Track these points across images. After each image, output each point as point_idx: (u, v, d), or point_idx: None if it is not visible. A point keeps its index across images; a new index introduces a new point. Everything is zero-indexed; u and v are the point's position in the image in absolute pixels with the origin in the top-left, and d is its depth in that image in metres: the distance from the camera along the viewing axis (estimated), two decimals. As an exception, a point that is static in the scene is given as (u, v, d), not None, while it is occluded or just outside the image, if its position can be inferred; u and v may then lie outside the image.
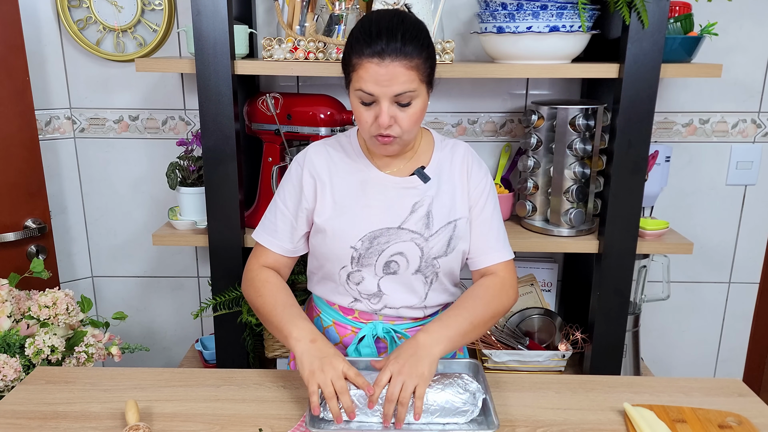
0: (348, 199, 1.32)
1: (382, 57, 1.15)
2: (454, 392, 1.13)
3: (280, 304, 1.28)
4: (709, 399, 1.23)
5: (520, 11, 1.57)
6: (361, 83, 1.18)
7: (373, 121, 1.21)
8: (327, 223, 1.31)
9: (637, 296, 1.91)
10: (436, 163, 1.36)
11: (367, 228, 1.30)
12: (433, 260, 1.32)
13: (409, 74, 1.17)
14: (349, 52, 1.20)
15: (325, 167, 1.34)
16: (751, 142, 2.02)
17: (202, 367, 1.99)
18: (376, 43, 1.15)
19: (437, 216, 1.32)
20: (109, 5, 1.91)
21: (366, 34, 1.18)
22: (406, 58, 1.16)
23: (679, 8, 1.67)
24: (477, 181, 1.37)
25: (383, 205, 1.31)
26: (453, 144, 1.40)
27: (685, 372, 2.24)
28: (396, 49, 1.15)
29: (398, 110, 1.20)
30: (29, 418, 1.15)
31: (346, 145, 1.37)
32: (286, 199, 1.35)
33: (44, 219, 1.89)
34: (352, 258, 1.31)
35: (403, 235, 1.31)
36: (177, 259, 2.16)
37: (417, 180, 1.33)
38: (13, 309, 1.58)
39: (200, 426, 1.13)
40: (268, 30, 1.94)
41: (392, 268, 1.32)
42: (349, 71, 1.21)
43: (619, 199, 1.67)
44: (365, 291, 1.34)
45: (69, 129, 2.03)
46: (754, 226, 2.09)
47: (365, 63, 1.17)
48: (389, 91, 1.17)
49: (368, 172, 1.33)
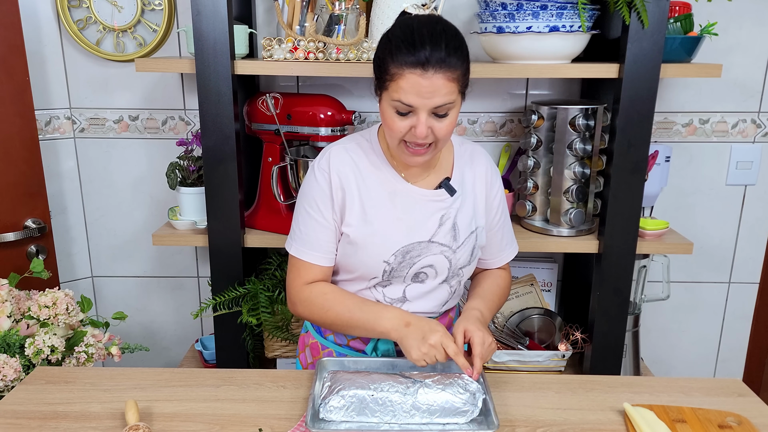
0: (378, 210, 1.29)
1: (426, 68, 1.11)
2: (454, 392, 1.13)
3: (354, 307, 1.27)
4: (709, 399, 1.23)
5: (520, 11, 1.57)
6: (400, 94, 1.14)
7: (407, 131, 1.18)
8: (359, 235, 1.28)
9: (637, 296, 1.91)
10: (459, 173, 1.35)
11: (400, 243, 1.29)
12: (459, 270, 1.34)
13: (450, 86, 1.14)
14: (388, 58, 1.15)
15: (352, 175, 1.29)
16: (751, 142, 2.02)
17: (202, 367, 1.99)
18: (420, 53, 1.11)
19: (462, 227, 1.32)
20: (109, 5, 1.91)
21: (408, 42, 1.12)
22: (449, 69, 1.12)
23: (679, 8, 1.67)
24: (496, 190, 1.39)
25: (413, 218, 1.30)
26: (471, 150, 1.38)
27: (685, 372, 2.24)
28: (440, 60, 1.11)
29: (435, 121, 1.17)
30: (29, 418, 1.15)
31: (368, 150, 1.32)
32: (320, 208, 1.29)
33: (44, 219, 1.89)
34: (385, 271, 1.30)
35: (433, 248, 1.30)
36: (177, 259, 2.16)
37: (444, 193, 1.31)
38: (13, 309, 1.58)
39: (200, 426, 1.13)
40: (268, 30, 1.94)
41: (421, 278, 1.32)
42: (386, 79, 1.16)
43: (619, 199, 1.67)
44: (390, 295, 1.34)
45: (69, 129, 2.03)
46: (754, 226, 2.09)
47: (407, 74, 1.12)
48: (430, 104, 1.14)
49: (396, 184, 1.30)
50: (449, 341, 1.17)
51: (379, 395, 1.13)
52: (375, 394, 1.13)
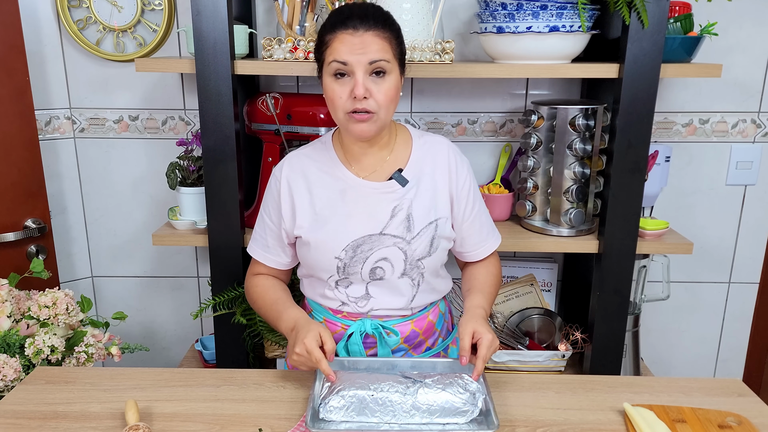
0: (328, 209, 1.32)
1: (356, 28, 1.19)
2: (454, 392, 1.13)
3: (268, 303, 1.37)
4: (709, 399, 1.23)
5: (520, 11, 1.57)
6: (334, 54, 1.20)
7: (348, 97, 1.21)
8: (310, 236, 1.32)
9: (637, 296, 1.91)
10: (414, 162, 1.35)
11: (350, 237, 1.31)
12: (417, 262, 1.33)
13: (381, 43, 1.20)
14: (322, 32, 1.24)
15: (302, 180, 1.34)
16: (751, 142, 2.02)
17: (202, 367, 1.99)
18: (351, 20, 1.20)
19: (418, 218, 1.32)
20: (109, 5, 1.91)
21: (338, 12, 1.23)
22: (378, 29, 1.21)
23: (679, 8, 1.67)
24: (463, 179, 1.37)
25: (364, 212, 1.31)
26: (432, 140, 1.38)
27: (685, 372, 2.24)
28: (368, 22, 1.20)
29: (372, 83, 1.21)
30: (29, 418, 1.15)
31: (322, 152, 1.36)
32: (272, 214, 1.38)
33: (44, 219, 1.89)
34: (338, 267, 1.32)
35: (385, 240, 1.31)
36: (177, 259, 2.16)
37: (395, 184, 1.32)
38: (13, 309, 1.58)
39: (200, 426, 1.13)
40: (268, 30, 1.94)
41: (378, 273, 1.33)
42: (322, 51, 1.23)
43: (619, 199, 1.67)
44: (353, 295, 1.36)
45: (69, 129, 2.03)
46: (754, 226, 2.09)
47: (339, 35, 1.20)
48: (364, 59, 1.19)
49: (346, 180, 1.33)
50: (315, 349, 1.17)
51: (379, 395, 1.13)
52: (375, 394, 1.13)
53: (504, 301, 1.99)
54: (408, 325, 1.39)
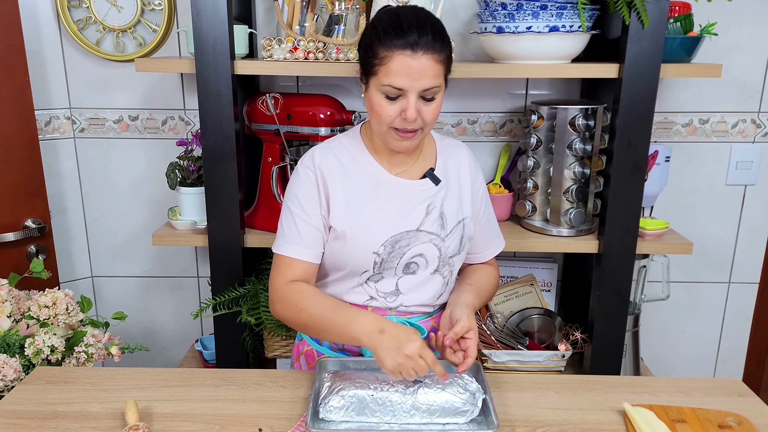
0: (362, 201, 1.30)
1: (415, 50, 1.15)
2: (454, 392, 1.13)
3: (328, 309, 1.24)
4: (708, 399, 1.23)
5: (520, 11, 1.57)
6: (391, 77, 1.17)
7: (396, 116, 1.20)
8: (345, 227, 1.28)
9: (636, 296, 1.91)
10: (442, 164, 1.37)
11: (388, 232, 1.30)
12: (450, 259, 1.35)
13: (437, 68, 1.18)
14: (376, 42, 1.18)
15: (335, 170, 1.31)
16: (751, 142, 2.02)
17: (202, 367, 1.99)
18: (409, 36, 1.15)
19: (449, 216, 1.34)
20: (109, 5, 1.91)
21: (396, 26, 1.16)
22: (436, 51, 1.16)
23: (678, 8, 1.67)
24: (480, 182, 1.42)
25: (399, 208, 1.31)
26: (453, 143, 1.42)
27: (685, 372, 2.24)
28: (428, 42, 1.15)
29: (422, 105, 1.20)
30: (29, 418, 1.15)
31: (350, 146, 1.35)
32: (303, 205, 1.30)
33: (44, 219, 1.89)
34: (375, 263, 1.30)
35: (422, 237, 1.31)
36: (177, 259, 2.16)
37: (429, 182, 1.33)
38: (13, 309, 1.58)
39: (200, 426, 1.13)
40: (268, 30, 1.94)
41: (412, 268, 1.33)
42: (375, 64, 1.18)
43: (619, 199, 1.67)
44: (383, 290, 1.34)
45: (69, 129, 2.03)
46: (753, 226, 2.09)
47: (397, 55, 1.15)
48: (419, 86, 1.17)
49: (379, 175, 1.32)
50: (427, 351, 1.13)
51: (379, 395, 1.13)
52: (375, 394, 1.13)
53: (504, 301, 1.99)
54: (429, 321, 1.40)
